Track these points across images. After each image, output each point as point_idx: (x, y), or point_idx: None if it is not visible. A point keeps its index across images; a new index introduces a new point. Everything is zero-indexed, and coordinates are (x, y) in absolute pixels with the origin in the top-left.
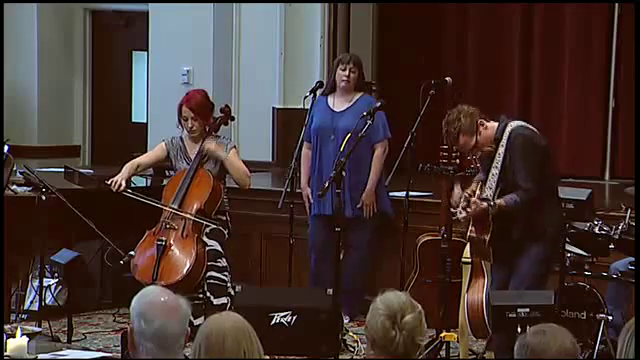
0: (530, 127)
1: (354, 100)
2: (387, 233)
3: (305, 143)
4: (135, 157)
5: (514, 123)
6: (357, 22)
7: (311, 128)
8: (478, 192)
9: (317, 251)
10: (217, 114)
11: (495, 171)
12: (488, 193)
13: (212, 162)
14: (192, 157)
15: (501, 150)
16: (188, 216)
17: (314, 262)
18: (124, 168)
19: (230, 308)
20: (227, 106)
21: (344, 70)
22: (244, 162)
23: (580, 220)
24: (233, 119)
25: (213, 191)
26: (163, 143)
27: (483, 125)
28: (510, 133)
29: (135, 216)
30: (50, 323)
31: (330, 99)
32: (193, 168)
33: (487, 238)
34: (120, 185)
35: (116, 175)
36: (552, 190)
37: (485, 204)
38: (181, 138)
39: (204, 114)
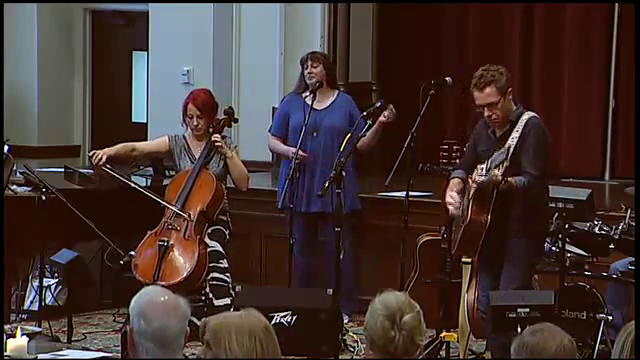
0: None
1: (334, 97)
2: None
3: (273, 137)
4: None
5: (530, 113)
6: (357, 22)
7: (290, 126)
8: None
9: (304, 249)
10: (220, 115)
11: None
12: (494, 172)
13: (216, 161)
14: (196, 155)
15: (515, 135)
16: (168, 205)
17: (304, 261)
18: (116, 146)
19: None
20: (231, 108)
21: (307, 69)
22: (244, 162)
23: (580, 220)
24: (236, 121)
25: (216, 193)
26: (167, 137)
27: (511, 96)
28: (527, 121)
29: (135, 216)
30: (50, 323)
31: (308, 98)
32: (196, 169)
33: (488, 220)
34: (101, 159)
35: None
36: (547, 187)
37: (499, 176)
38: (184, 137)
39: (209, 112)
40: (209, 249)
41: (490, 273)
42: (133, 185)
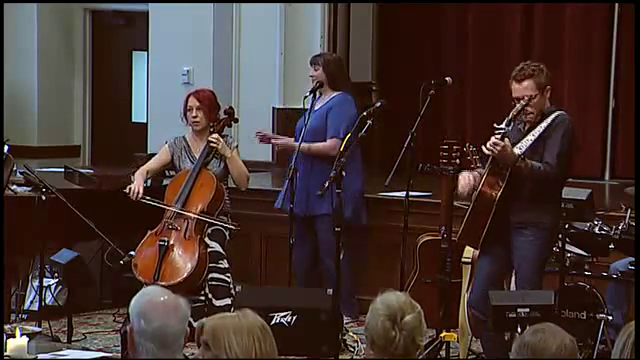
0: None
1: (328, 99)
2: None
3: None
4: (136, 158)
5: (562, 111)
6: (357, 22)
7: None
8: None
9: (297, 248)
10: (221, 116)
11: (531, 137)
12: (516, 152)
13: (216, 161)
14: (196, 156)
15: (544, 124)
16: (194, 215)
17: (298, 259)
18: (137, 176)
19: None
20: (231, 107)
21: (310, 71)
22: (244, 162)
23: (580, 220)
24: (237, 121)
25: (216, 192)
26: (166, 146)
27: (548, 93)
28: (556, 116)
29: (135, 216)
30: (50, 323)
31: (307, 99)
32: (196, 169)
33: (498, 195)
34: (139, 193)
35: (132, 184)
36: (562, 185)
37: (517, 151)
38: (184, 138)
39: (209, 108)
40: (209, 249)
41: (488, 256)
42: (171, 209)
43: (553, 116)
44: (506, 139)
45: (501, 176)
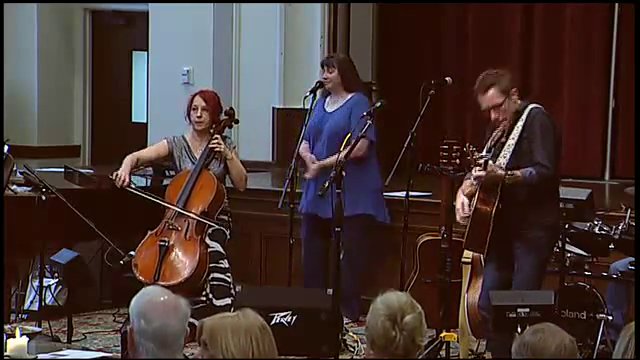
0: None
1: (344, 101)
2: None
3: (303, 142)
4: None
5: (534, 104)
6: (357, 22)
7: (307, 128)
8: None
9: (309, 252)
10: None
11: (512, 142)
12: (501, 162)
13: (217, 162)
14: (197, 156)
15: (520, 124)
16: (194, 216)
17: (305, 263)
18: (125, 162)
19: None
20: (232, 109)
21: (323, 72)
22: (243, 162)
23: (580, 220)
24: (237, 122)
25: (217, 193)
26: (165, 141)
27: (515, 95)
28: (530, 111)
29: (135, 216)
30: (50, 323)
31: (327, 100)
32: (197, 170)
33: (493, 211)
34: (124, 180)
35: (118, 170)
36: (557, 182)
37: (501, 171)
38: (184, 138)
39: (214, 108)
40: (209, 249)
41: (494, 261)
42: (158, 201)
43: (527, 112)
44: (489, 162)
45: (493, 191)
